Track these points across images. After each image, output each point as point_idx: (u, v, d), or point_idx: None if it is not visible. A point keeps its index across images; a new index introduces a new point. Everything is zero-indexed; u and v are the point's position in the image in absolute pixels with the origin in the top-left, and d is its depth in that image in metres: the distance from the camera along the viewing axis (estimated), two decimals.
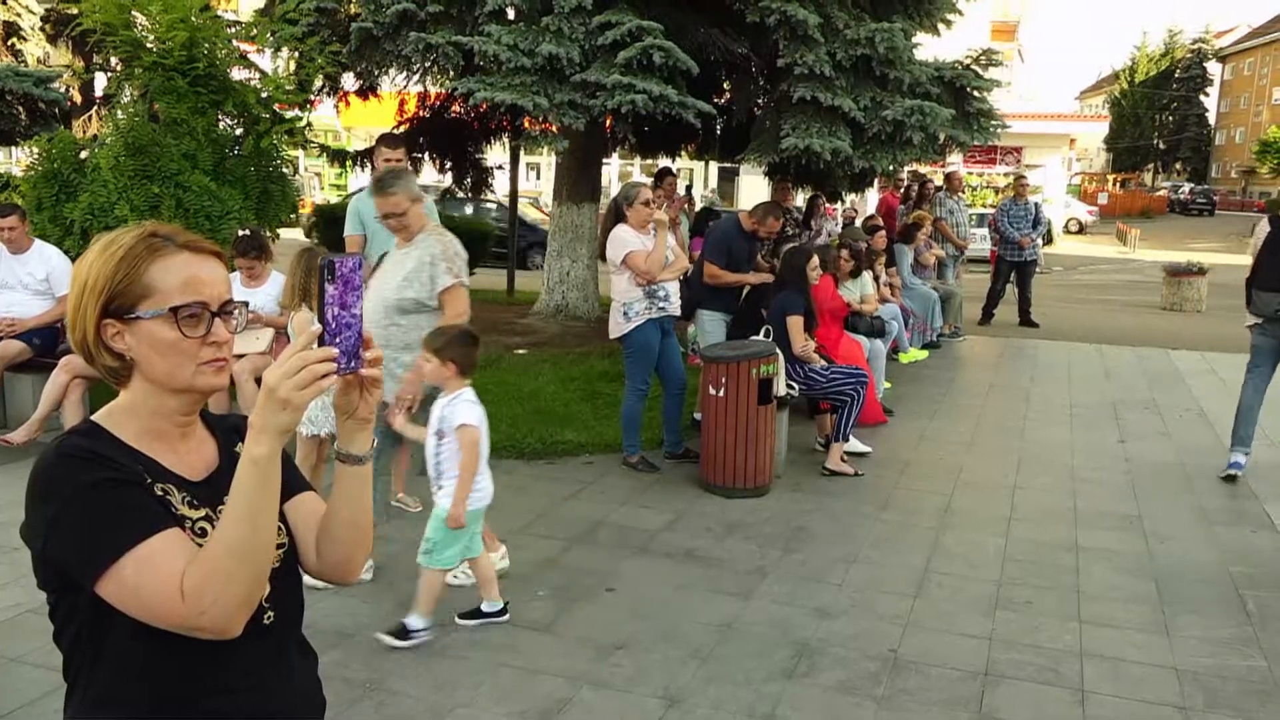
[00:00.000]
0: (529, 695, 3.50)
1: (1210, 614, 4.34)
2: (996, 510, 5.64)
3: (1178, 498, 5.94)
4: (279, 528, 1.52)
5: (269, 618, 1.50)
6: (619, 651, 3.84)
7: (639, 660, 3.78)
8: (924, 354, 10.13)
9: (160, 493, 1.40)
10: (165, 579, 1.29)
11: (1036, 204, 12.63)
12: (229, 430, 1.57)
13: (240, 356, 5.88)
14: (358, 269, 1.34)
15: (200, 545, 1.35)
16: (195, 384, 1.42)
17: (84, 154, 7.35)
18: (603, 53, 8.18)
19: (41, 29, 12.24)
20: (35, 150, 7.57)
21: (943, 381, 9.15)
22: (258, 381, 5.75)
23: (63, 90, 12.35)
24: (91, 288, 1.40)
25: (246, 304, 1.50)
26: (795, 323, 6.20)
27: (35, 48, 12.09)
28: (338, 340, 1.32)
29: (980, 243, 17.38)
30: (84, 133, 12.85)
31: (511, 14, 8.57)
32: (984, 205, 26.16)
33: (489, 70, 8.16)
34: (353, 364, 1.34)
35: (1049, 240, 26.02)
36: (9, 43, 11.81)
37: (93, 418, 1.46)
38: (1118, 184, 53.79)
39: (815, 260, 6.51)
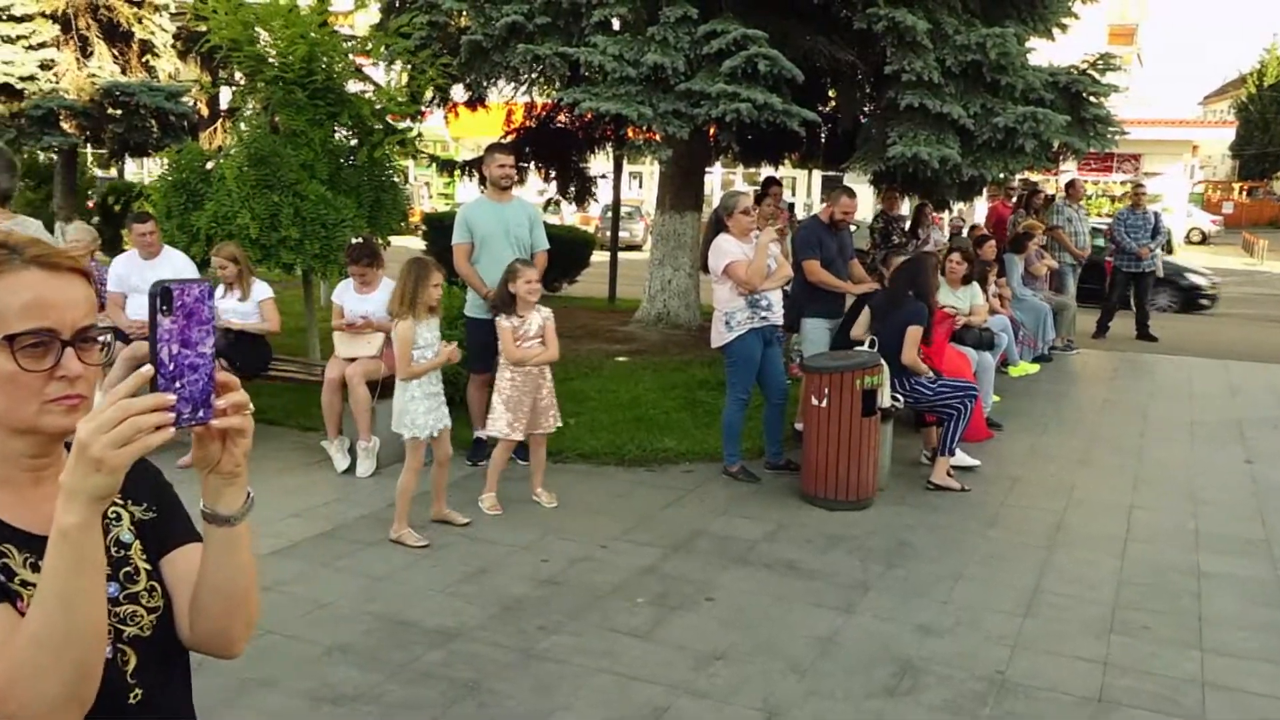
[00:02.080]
0: (627, 702, 3.51)
1: None
2: (1111, 530, 5.43)
3: None
4: (154, 588, 1.32)
5: (135, 696, 1.27)
6: (718, 662, 3.82)
7: (738, 671, 3.75)
8: (1035, 368, 9.83)
9: None
10: None
11: (1156, 213, 12.14)
12: None
13: (351, 360, 6.08)
14: (206, 299, 1.12)
15: None
16: (40, 425, 1.19)
17: (210, 164, 7.69)
18: (707, 62, 8.19)
19: (173, 46, 12.86)
20: (165, 161, 7.96)
21: (1054, 396, 8.86)
22: (370, 386, 5.97)
23: (191, 104, 12.95)
24: None
25: (113, 330, 1.15)
26: (914, 333, 6.06)
27: (167, 64, 12.69)
28: (177, 385, 1.08)
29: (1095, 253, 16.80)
30: (210, 144, 13.44)
31: (617, 25, 8.65)
32: (1099, 214, 25.29)
33: (594, 80, 8.25)
34: (200, 414, 1.11)
35: (1169, 250, 24.94)
36: (143, 59, 12.43)
37: None
38: (1244, 192, 51.27)
39: (938, 268, 6.43)
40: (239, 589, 1.30)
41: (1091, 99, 9.33)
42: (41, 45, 11.43)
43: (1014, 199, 12.64)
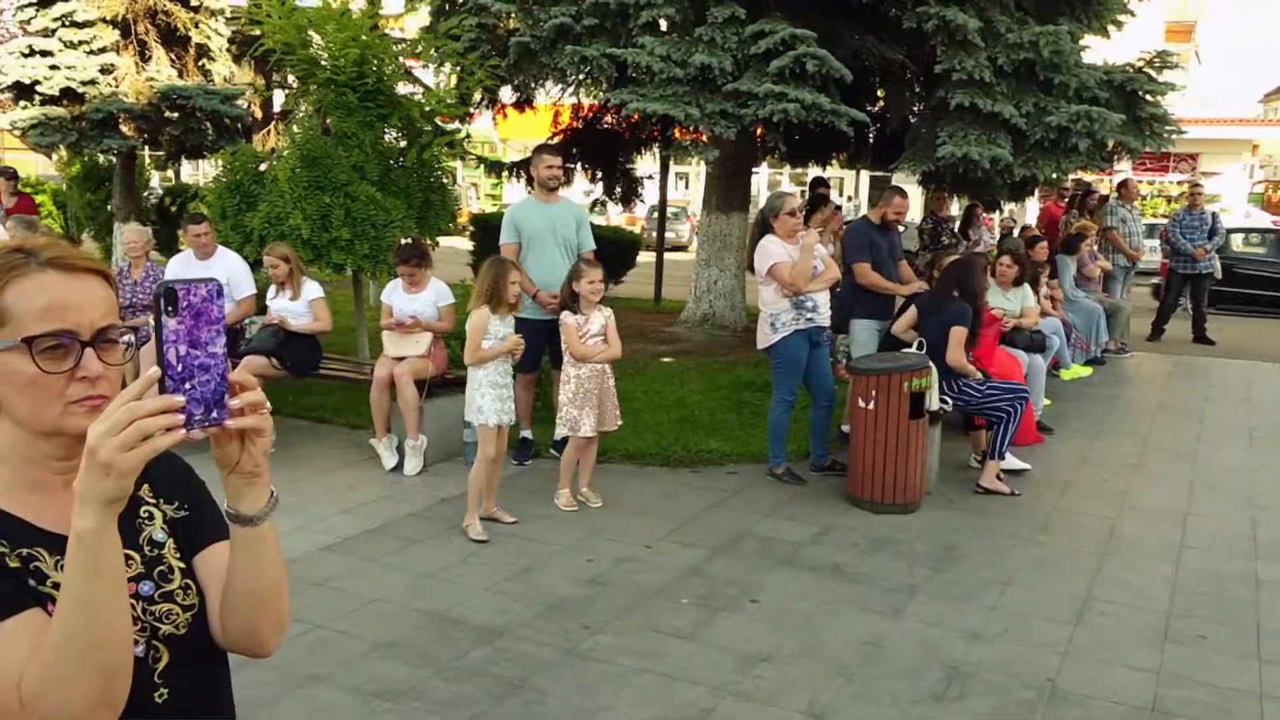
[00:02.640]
0: (671, 703, 3.51)
1: None
2: (1166, 537, 5.32)
3: None
4: (189, 586, 1.33)
5: (161, 696, 1.27)
6: (762, 664, 3.81)
7: (782, 674, 3.74)
8: (1087, 371, 9.67)
9: (18, 563, 1.18)
10: (2, 680, 1.08)
11: (1214, 214, 11.89)
12: None
13: (400, 359, 6.14)
14: (214, 298, 1.10)
15: None
16: (64, 426, 1.19)
17: (263, 166, 7.82)
18: (755, 62, 8.17)
19: (228, 50, 13.08)
20: (220, 163, 8.11)
21: (1107, 400, 8.71)
22: (418, 385, 6.03)
23: (245, 107, 13.15)
24: None
25: (135, 330, 1.15)
26: (959, 333, 5.99)
27: (222, 67, 12.90)
28: (188, 386, 1.07)
29: (1150, 254, 16.48)
30: (263, 146, 13.68)
31: (664, 25, 8.65)
32: (1154, 215, 24.80)
33: (641, 81, 8.27)
34: (214, 415, 1.10)
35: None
36: (199, 63, 12.65)
37: None
38: None
39: (987, 269, 6.34)
40: (265, 588, 1.29)
41: (1147, 97, 9.17)
42: (102, 50, 11.66)
43: (1067, 199, 12.45)
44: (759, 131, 9.38)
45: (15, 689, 1.07)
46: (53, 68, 11.45)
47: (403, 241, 7.00)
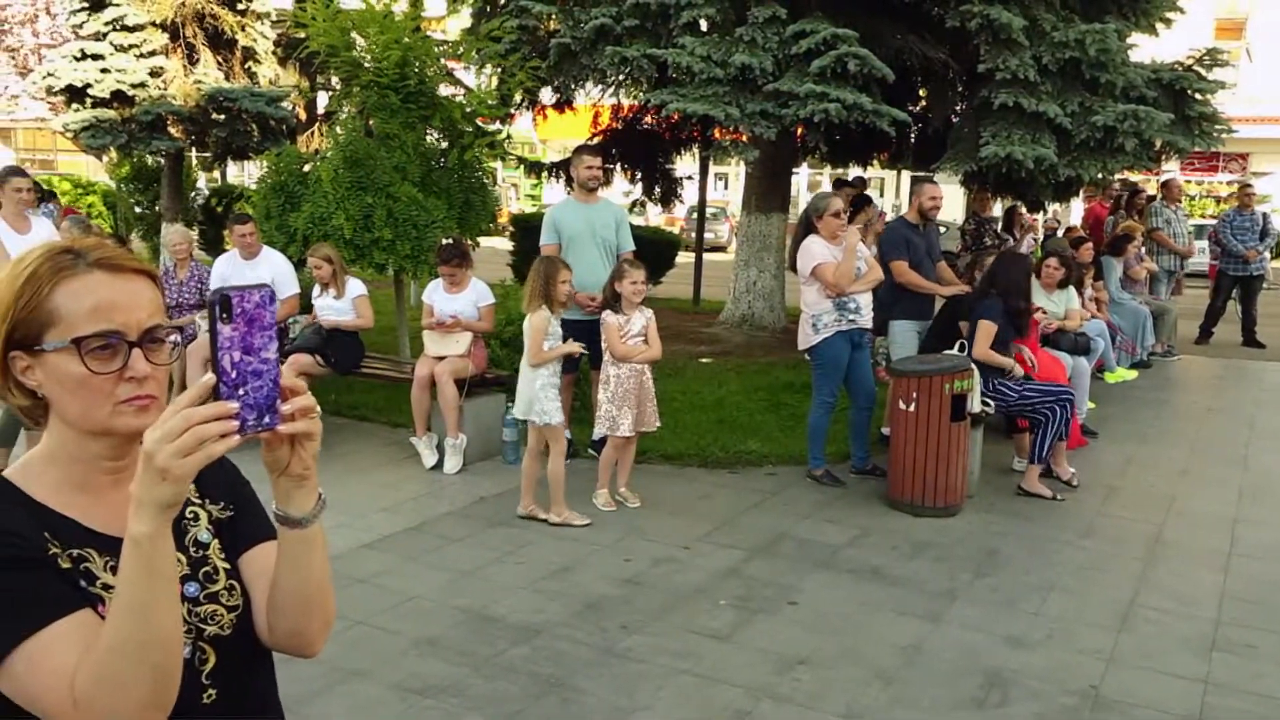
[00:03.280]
0: (708, 704, 3.51)
1: None
2: (1214, 544, 5.22)
3: None
4: (233, 587, 1.34)
5: (210, 696, 1.29)
6: (800, 666, 3.79)
7: (821, 677, 3.72)
8: (1133, 374, 9.51)
9: (69, 564, 1.20)
10: (56, 680, 1.10)
11: (1265, 214, 11.65)
12: None
13: (441, 359, 6.19)
14: (267, 304, 1.11)
15: None
16: (113, 426, 1.21)
17: (307, 167, 7.91)
18: (796, 62, 8.14)
19: (273, 52, 13.24)
20: (265, 164, 8.23)
21: (1154, 403, 8.56)
22: (459, 384, 6.07)
23: (290, 108, 13.30)
24: None
25: (181, 329, 1.18)
26: (985, 327, 5.90)
27: (267, 69, 13.06)
28: (241, 392, 1.09)
29: (1198, 255, 16.18)
30: (307, 147, 13.84)
31: (705, 26, 8.65)
32: (1202, 216, 24.35)
33: (682, 81, 8.27)
34: (267, 420, 1.11)
35: (1279, 253, 23.84)
36: (245, 66, 12.82)
37: (5, 472, 1.26)
38: None
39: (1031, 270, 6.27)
40: (313, 589, 1.30)
41: (1196, 96, 9.02)
42: (151, 54, 11.85)
43: (1112, 200, 12.26)
44: (799, 132, 9.34)
45: (68, 690, 1.09)
46: (104, 71, 11.66)
47: (444, 242, 7.05)
